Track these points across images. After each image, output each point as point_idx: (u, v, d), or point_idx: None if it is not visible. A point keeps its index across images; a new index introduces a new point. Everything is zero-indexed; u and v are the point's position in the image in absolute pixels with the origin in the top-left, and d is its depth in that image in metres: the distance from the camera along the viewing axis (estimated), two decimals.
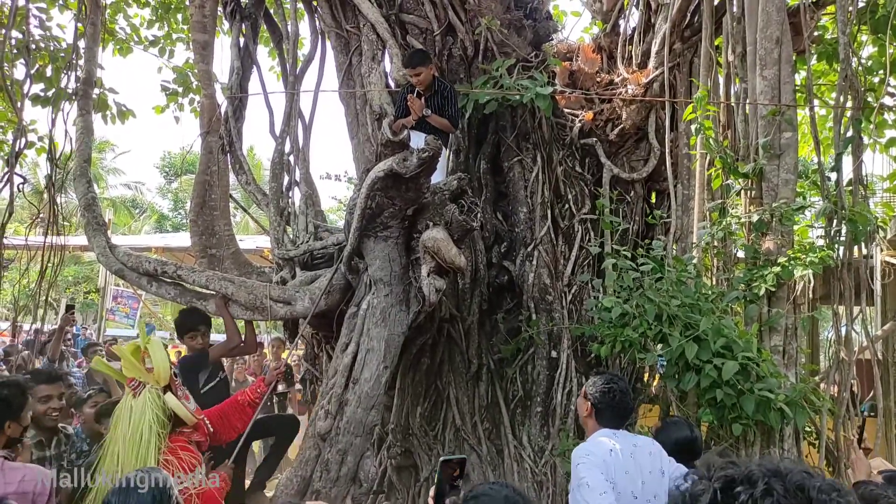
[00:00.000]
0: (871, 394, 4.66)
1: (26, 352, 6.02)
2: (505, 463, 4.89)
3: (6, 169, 5.61)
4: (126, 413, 2.67)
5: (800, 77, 5.88)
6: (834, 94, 6.00)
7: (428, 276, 3.80)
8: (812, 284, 4.58)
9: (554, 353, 5.08)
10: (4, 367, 5.38)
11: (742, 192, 4.67)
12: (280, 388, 6.34)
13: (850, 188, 4.52)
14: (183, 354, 4.75)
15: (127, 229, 25.85)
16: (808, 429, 4.46)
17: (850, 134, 4.56)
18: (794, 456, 4.08)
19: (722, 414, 3.87)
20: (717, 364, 3.72)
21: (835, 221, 4.37)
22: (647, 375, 5.76)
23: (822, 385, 4.67)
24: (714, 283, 4.99)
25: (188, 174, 25.91)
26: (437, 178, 4.26)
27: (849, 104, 4.71)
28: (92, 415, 3.66)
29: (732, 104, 4.99)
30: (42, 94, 6.31)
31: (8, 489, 2.18)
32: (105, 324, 16.65)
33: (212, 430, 3.02)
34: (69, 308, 5.37)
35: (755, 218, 4.26)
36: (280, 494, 2.43)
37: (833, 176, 4.48)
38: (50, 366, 4.74)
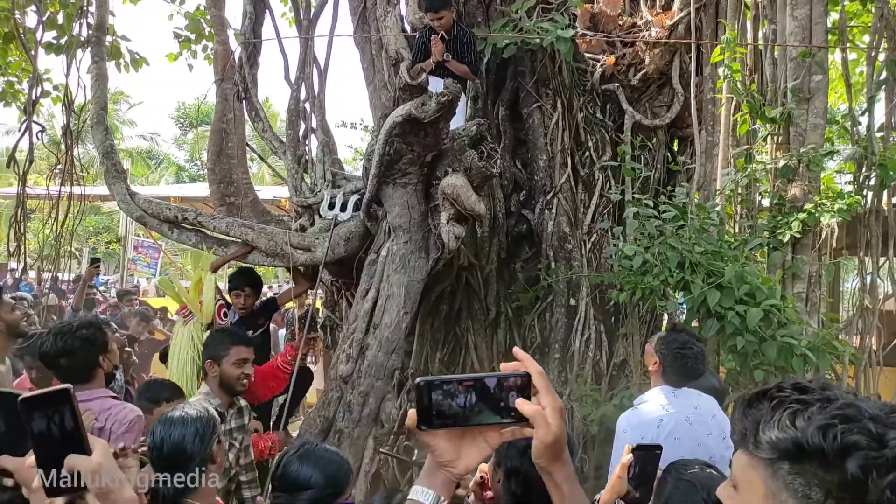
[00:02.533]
0: (895, 342, 4.62)
1: (53, 296, 6.13)
2: None
3: (23, 118, 5.60)
4: (178, 340, 2.81)
5: (832, 18, 5.63)
6: (867, 36, 5.76)
7: (447, 223, 3.77)
8: (836, 233, 4.49)
9: (573, 302, 5.06)
10: (33, 311, 5.49)
11: (769, 137, 4.54)
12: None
13: (882, 133, 4.38)
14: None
15: (144, 180, 25.99)
16: (828, 375, 4.45)
17: (883, 77, 4.39)
18: None
19: (743, 360, 3.86)
20: (739, 311, 3.69)
21: (864, 167, 4.26)
22: (665, 325, 5.76)
23: (843, 334, 4.63)
24: (737, 230, 4.91)
25: (203, 125, 25.80)
26: (456, 124, 4.18)
27: (883, 46, 4.52)
28: None
29: (760, 47, 4.81)
30: (55, 41, 6.23)
31: (118, 429, 2.28)
32: (127, 273, 16.91)
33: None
34: (94, 261, 5.43)
35: (781, 164, 4.15)
36: (304, 433, 2.50)
37: (864, 120, 4.34)
38: (75, 314, 4.83)
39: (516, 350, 1.03)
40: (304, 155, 4.89)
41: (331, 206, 3.97)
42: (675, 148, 5.80)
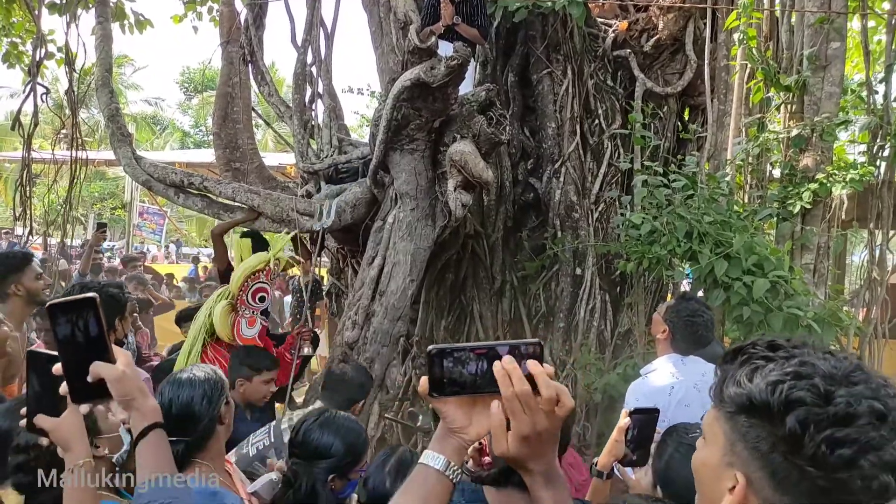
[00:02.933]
0: None
1: (62, 260, 6.16)
2: None
3: (27, 80, 5.56)
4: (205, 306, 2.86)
5: None
6: (887, 3, 5.63)
7: (454, 190, 3.75)
8: (846, 205, 4.45)
9: (578, 271, 5.06)
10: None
11: (782, 106, 4.47)
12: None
13: None
14: None
15: (149, 146, 25.92)
16: (833, 347, 4.46)
17: None
18: None
19: (748, 331, 3.86)
20: (746, 282, 3.68)
21: (878, 137, 4.20)
22: (670, 295, 5.76)
23: (849, 306, 4.63)
24: (747, 201, 4.88)
25: (209, 90, 25.61)
26: (465, 89, 4.12)
27: None
28: None
29: (777, 13, 4.70)
30: (59, 1, 6.15)
31: None
32: (132, 239, 16.98)
33: None
34: (101, 226, 5.44)
35: (794, 133, 4.10)
36: (310, 399, 2.54)
37: (881, 89, 4.26)
38: (82, 279, 4.86)
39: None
40: (311, 120, 4.85)
41: (318, 217, 3.95)
42: (687, 116, 5.73)
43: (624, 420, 1.96)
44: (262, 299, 3.08)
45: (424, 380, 0.98)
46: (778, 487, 0.84)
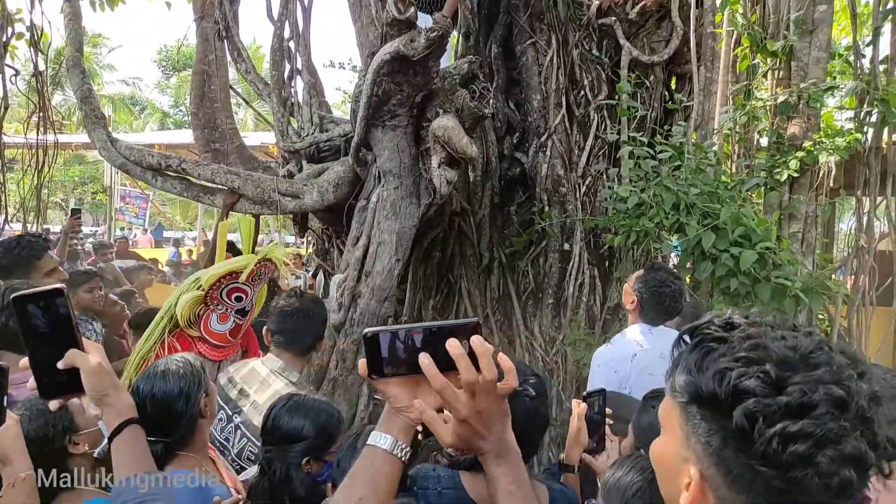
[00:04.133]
0: (889, 282, 4.65)
1: None
2: (516, 352, 5.00)
3: None
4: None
5: None
6: None
7: (438, 167, 3.71)
8: (833, 173, 4.46)
9: (566, 246, 5.06)
10: None
11: (769, 73, 4.45)
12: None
13: (885, 66, 4.29)
14: None
15: (128, 127, 25.55)
16: (820, 316, 4.50)
17: (890, 6, 4.27)
18: None
19: (735, 302, 3.89)
20: (734, 253, 3.69)
21: (865, 103, 4.19)
22: None
23: (836, 274, 4.67)
24: (734, 170, 4.88)
25: (187, 69, 25.19)
26: (446, 62, 4.06)
27: None
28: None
29: None
30: None
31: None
32: (115, 224, 16.79)
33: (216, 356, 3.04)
34: (74, 212, 5.35)
35: (781, 100, 4.08)
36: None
37: (868, 52, 4.25)
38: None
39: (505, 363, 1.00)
40: (290, 97, 4.78)
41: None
42: (674, 85, 5.69)
43: (581, 406, 1.92)
44: (238, 299, 2.99)
45: (363, 362, 0.99)
46: (732, 486, 0.78)
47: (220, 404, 2.40)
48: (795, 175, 3.98)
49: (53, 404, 1.19)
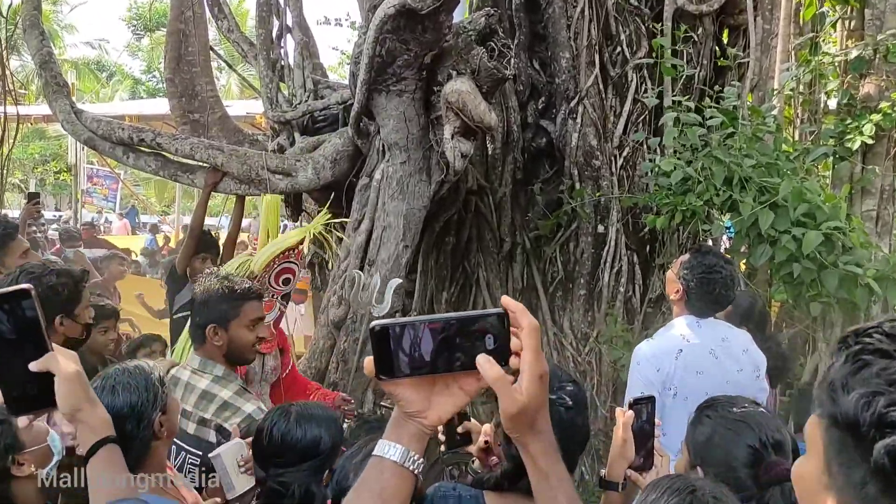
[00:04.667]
0: None
1: None
2: (543, 351, 5.01)
3: None
4: None
5: None
6: None
7: (452, 138, 3.71)
8: None
9: (601, 228, 5.05)
10: None
11: (839, 23, 4.39)
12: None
13: None
14: None
15: (95, 96, 25.73)
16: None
17: None
18: None
19: (798, 291, 3.87)
20: (796, 235, 3.67)
21: None
22: None
23: None
24: (797, 138, 4.83)
25: (161, 28, 25.26)
26: (459, 16, 4.05)
27: None
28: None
29: None
30: None
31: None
32: (81, 207, 16.97)
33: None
34: (32, 197, 5.40)
35: (854, 55, 4.03)
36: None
37: None
38: None
39: (505, 299, 1.03)
40: (280, 59, 4.79)
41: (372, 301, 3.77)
42: (725, 40, 5.63)
43: (627, 413, 1.90)
44: (286, 282, 3.02)
45: (369, 360, 0.98)
46: None
47: None
48: (870, 142, 3.93)
49: (23, 420, 1.21)
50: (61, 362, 1.21)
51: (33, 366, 1.19)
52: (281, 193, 4.02)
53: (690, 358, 2.82)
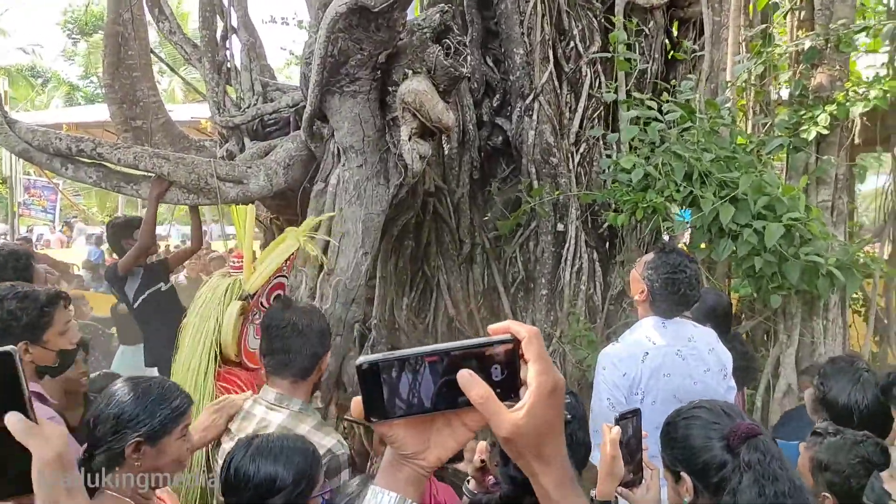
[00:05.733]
0: None
1: None
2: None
3: None
4: (208, 296, 2.60)
5: None
6: None
7: (409, 139, 3.59)
8: (857, 128, 4.45)
9: (560, 226, 5.00)
10: None
11: (788, 14, 4.42)
12: None
13: None
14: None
15: (29, 104, 24.78)
16: (854, 296, 4.52)
17: None
18: (839, 327, 4.16)
19: (760, 284, 3.87)
20: (757, 228, 3.67)
21: None
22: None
23: (870, 245, 4.69)
24: (750, 129, 4.85)
25: (99, 32, 24.46)
26: (411, 13, 3.94)
27: None
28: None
29: None
30: None
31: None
32: (18, 221, 16.30)
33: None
34: None
35: (807, 45, 4.04)
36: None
37: None
38: None
39: (492, 327, 0.90)
40: (226, 62, 4.59)
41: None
42: (675, 32, 5.64)
43: (614, 430, 1.84)
44: (277, 298, 2.88)
45: (357, 401, 0.87)
46: None
47: None
48: (825, 132, 3.96)
49: None
50: (40, 442, 1.05)
51: (9, 424, 1.03)
52: (232, 202, 3.83)
53: (657, 360, 2.76)
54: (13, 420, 1.03)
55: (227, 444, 2.26)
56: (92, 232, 21.04)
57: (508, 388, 0.86)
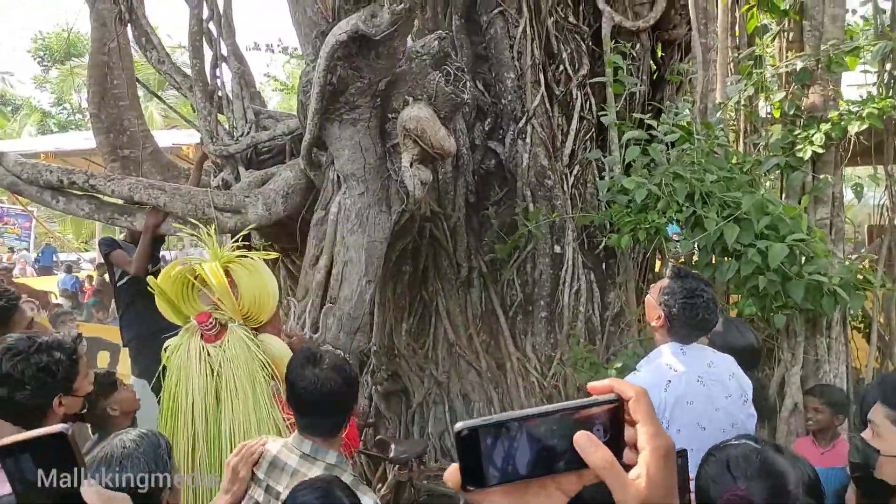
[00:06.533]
0: None
1: None
2: (508, 378, 4.87)
3: None
4: (205, 375, 2.35)
5: None
6: None
7: (411, 165, 3.53)
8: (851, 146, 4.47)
9: (557, 248, 4.95)
10: None
11: (778, 35, 4.44)
12: None
13: None
14: None
15: (2, 132, 24.35)
16: (851, 313, 4.52)
17: None
18: (842, 345, 4.14)
19: (764, 304, 3.85)
20: (760, 248, 3.64)
21: (889, 64, 4.20)
22: (658, 266, 5.74)
23: (869, 262, 4.69)
24: (741, 149, 4.86)
25: (73, 59, 24.15)
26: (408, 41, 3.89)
27: None
28: None
29: None
30: None
31: None
32: None
33: None
34: None
35: (799, 66, 4.06)
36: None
37: (888, 7, 4.27)
38: None
39: (604, 384, 0.84)
40: (217, 90, 4.50)
41: None
42: (660, 54, 5.67)
43: None
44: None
45: (454, 469, 0.81)
46: None
47: None
48: (820, 151, 3.96)
49: None
50: None
51: (85, 495, 1.00)
52: (230, 232, 3.73)
53: (680, 388, 2.70)
54: (90, 492, 1.00)
55: (258, 494, 2.14)
56: (67, 259, 20.61)
57: (612, 451, 0.80)
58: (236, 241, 3.12)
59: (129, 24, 4.79)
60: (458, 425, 0.80)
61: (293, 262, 4.61)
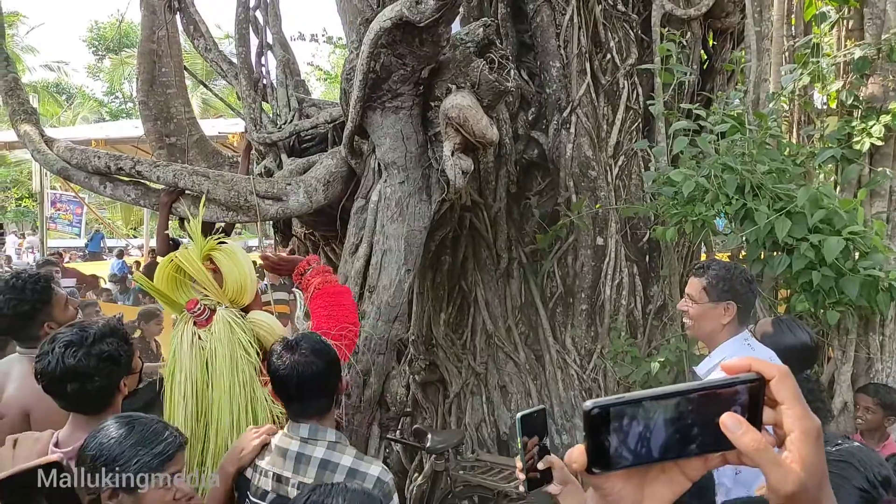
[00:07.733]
0: None
1: None
2: (547, 371, 4.81)
3: None
4: (196, 359, 2.39)
5: None
6: None
7: (452, 154, 3.48)
8: None
9: (600, 240, 4.86)
10: None
11: (836, 23, 4.27)
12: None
13: None
14: None
15: (56, 121, 25.02)
16: None
17: None
18: None
19: (816, 300, 3.72)
20: (814, 242, 3.52)
21: None
22: (703, 257, 5.60)
23: None
24: (795, 140, 4.71)
25: (126, 49, 24.69)
26: (454, 27, 3.84)
27: None
28: None
29: None
30: None
31: None
32: (47, 234, 16.41)
33: None
34: None
35: (857, 54, 3.89)
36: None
37: None
38: None
39: (742, 362, 0.78)
40: (262, 78, 4.52)
41: None
42: (711, 43, 5.51)
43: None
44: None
45: (579, 451, 0.77)
46: None
47: None
48: (879, 143, 3.80)
49: None
50: None
51: None
52: (271, 219, 3.75)
53: None
54: None
55: (263, 483, 2.16)
56: (115, 245, 21.11)
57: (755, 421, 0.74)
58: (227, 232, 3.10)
59: (178, 12, 4.84)
60: (588, 403, 0.75)
61: (333, 250, 4.61)
